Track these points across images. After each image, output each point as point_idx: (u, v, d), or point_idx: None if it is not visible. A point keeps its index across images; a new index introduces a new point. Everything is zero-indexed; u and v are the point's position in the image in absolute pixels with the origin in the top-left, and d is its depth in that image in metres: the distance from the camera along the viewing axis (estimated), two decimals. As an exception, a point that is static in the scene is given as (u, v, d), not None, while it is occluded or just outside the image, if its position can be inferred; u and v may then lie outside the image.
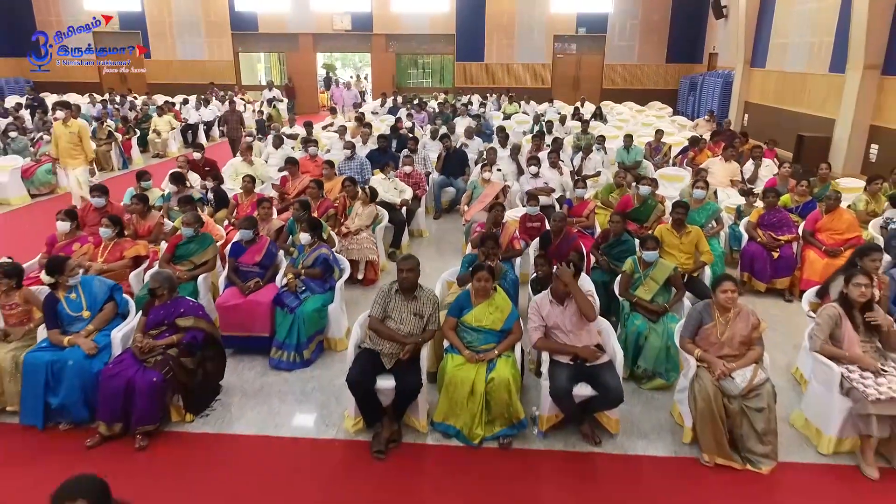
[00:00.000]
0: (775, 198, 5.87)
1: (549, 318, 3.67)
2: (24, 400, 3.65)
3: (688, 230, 5.12)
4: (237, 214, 6.18)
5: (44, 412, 3.64)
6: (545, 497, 3.28)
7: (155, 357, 3.63)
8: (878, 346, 3.55)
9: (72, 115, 7.80)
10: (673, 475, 3.44)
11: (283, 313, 4.47)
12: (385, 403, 3.63)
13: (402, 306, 3.74)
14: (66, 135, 7.65)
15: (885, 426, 3.37)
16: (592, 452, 3.59)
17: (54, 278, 3.73)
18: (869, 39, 10.50)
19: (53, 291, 3.76)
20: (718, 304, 3.54)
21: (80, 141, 7.70)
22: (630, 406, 3.99)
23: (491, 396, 3.54)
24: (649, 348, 4.15)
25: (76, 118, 8.15)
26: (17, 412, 3.73)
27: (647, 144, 9.98)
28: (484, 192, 6.83)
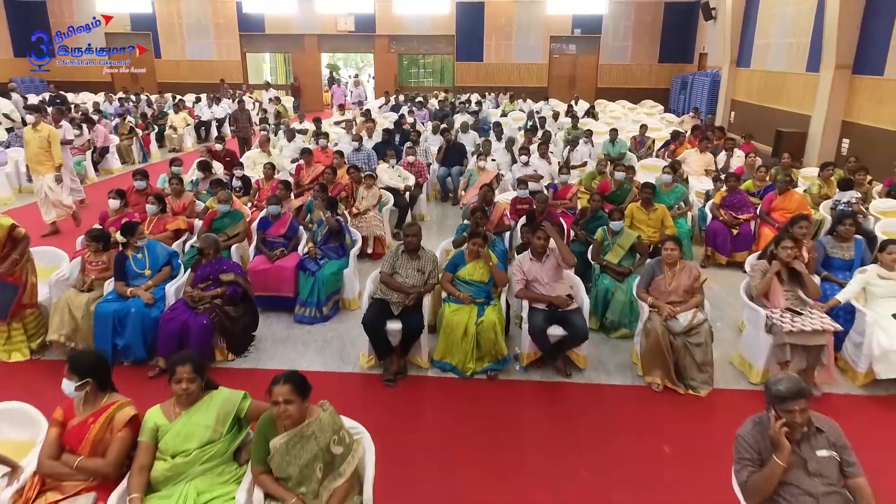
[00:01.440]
0: (736, 182, 6.65)
1: (530, 273, 4.45)
2: (96, 341, 4.41)
3: (654, 208, 5.90)
4: (259, 197, 6.96)
5: (112, 352, 4.42)
6: (524, 416, 4.05)
7: (204, 305, 4.41)
8: (798, 295, 4.32)
9: (42, 118, 7.46)
10: (629, 399, 4.22)
11: (306, 276, 5.25)
12: (393, 343, 4.40)
13: (407, 264, 4.52)
14: (35, 140, 7.30)
15: (801, 358, 4.14)
16: (564, 382, 4.38)
17: (126, 239, 4.51)
18: (840, 41, 11.24)
19: (124, 250, 4.54)
20: (665, 260, 4.32)
21: (50, 147, 7.32)
22: (598, 350, 4.78)
23: (480, 336, 4.32)
24: (616, 303, 4.93)
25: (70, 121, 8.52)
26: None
27: (633, 138, 10.76)
28: (479, 178, 7.61)
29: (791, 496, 2.35)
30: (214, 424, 2.60)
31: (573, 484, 3.36)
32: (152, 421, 2.59)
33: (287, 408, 2.40)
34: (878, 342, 4.13)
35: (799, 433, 2.39)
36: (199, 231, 5.63)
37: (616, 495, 3.28)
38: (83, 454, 2.53)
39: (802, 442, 2.40)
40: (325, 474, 2.44)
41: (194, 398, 2.62)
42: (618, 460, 3.57)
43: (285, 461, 2.42)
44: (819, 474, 2.35)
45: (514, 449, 3.65)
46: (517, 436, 3.78)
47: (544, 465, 3.51)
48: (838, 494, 2.34)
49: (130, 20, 22.34)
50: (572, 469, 3.49)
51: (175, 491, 2.46)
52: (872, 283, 4.35)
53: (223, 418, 2.62)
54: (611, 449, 3.67)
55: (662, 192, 6.58)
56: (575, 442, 3.74)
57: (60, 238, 7.30)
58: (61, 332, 4.43)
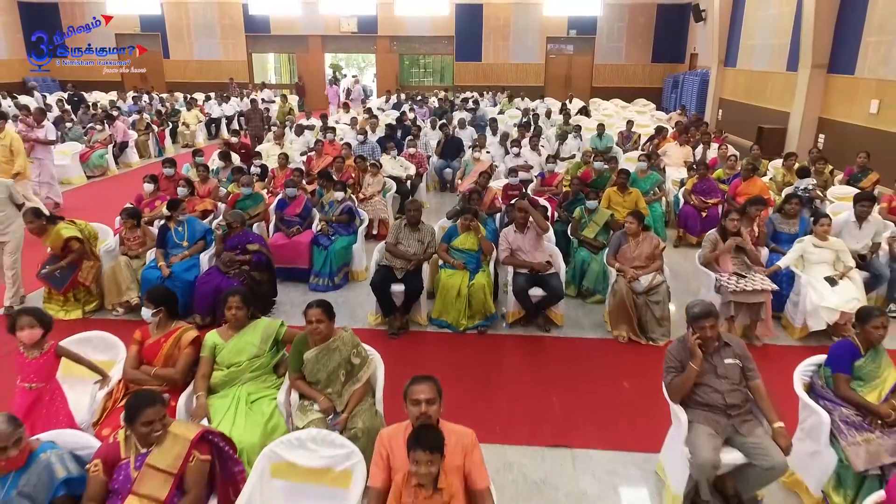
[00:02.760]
0: (705, 170, 7.37)
1: (514, 243, 5.17)
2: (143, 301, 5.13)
3: (629, 191, 6.61)
4: (274, 184, 7.67)
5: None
6: (508, 362, 4.77)
7: (234, 270, 5.13)
8: (744, 260, 5.03)
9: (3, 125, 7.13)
10: (598, 349, 4.94)
11: (319, 250, 5.97)
12: (397, 303, 5.12)
13: (409, 235, 5.24)
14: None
15: (744, 314, 4.87)
16: (544, 336, 5.10)
17: (171, 213, 5.24)
18: (815, 42, 11.96)
19: (167, 223, 5.27)
20: (627, 231, 5.05)
21: (12, 154, 6.93)
22: (575, 312, 5.50)
23: (472, 297, 5.04)
24: (591, 272, 5.65)
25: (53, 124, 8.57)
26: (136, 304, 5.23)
27: (620, 133, 11.48)
28: (475, 167, 8.32)
29: (704, 393, 3.07)
30: (259, 343, 3.33)
31: (547, 411, 4.08)
32: (211, 341, 3.32)
33: (318, 326, 3.12)
34: (811, 300, 4.84)
35: (711, 346, 3.11)
36: (223, 211, 6.35)
37: (580, 417, 3.99)
38: (157, 366, 3.25)
39: (714, 353, 3.11)
40: (346, 379, 3.16)
41: (242, 323, 3.35)
42: (585, 394, 4.28)
43: (316, 368, 3.14)
44: (726, 377, 3.07)
45: (498, 388, 4.36)
46: (502, 379, 4.50)
47: (523, 399, 4.22)
48: (739, 392, 3.06)
49: (140, 21, 22.98)
50: (547, 401, 4.20)
51: (230, 392, 3.18)
52: (808, 251, 5.06)
53: (265, 339, 3.35)
54: (580, 386, 4.39)
55: (639, 178, 7.30)
56: (550, 381, 4.45)
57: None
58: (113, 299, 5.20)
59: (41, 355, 3.13)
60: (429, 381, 2.45)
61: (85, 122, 12.79)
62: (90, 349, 3.49)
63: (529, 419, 3.98)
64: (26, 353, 3.13)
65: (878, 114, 10.44)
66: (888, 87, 10.20)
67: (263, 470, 2.59)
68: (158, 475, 2.27)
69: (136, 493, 2.25)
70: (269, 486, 2.60)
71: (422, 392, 2.38)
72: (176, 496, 2.29)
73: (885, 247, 5.56)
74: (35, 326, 3.12)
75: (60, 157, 10.49)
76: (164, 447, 2.32)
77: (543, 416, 4.03)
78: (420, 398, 2.37)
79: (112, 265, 5.30)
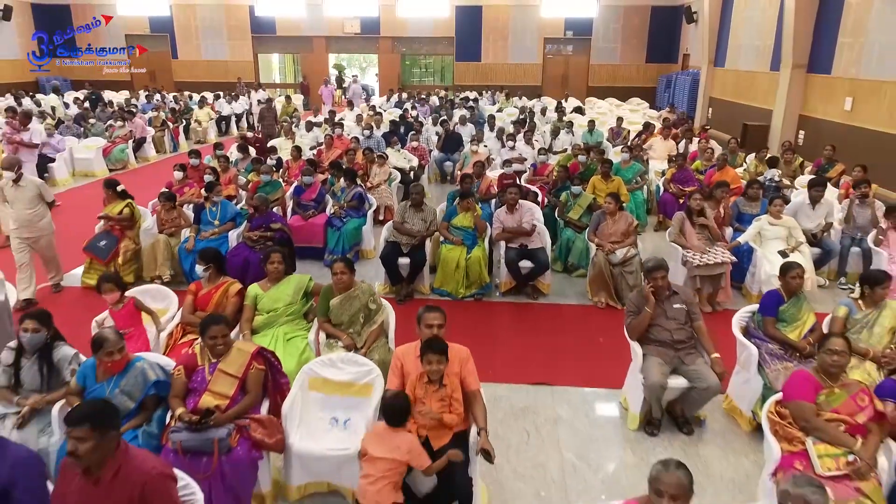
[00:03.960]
0: (683, 161, 8.08)
1: (505, 222, 5.88)
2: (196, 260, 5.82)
3: (612, 179, 7.31)
4: (289, 174, 8.38)
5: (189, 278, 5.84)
6: (500, 324, 5.47)
7: (260, 245, 5.84)
8: (708, 236, 5.73)
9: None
10: (579, 313, 5.65)
11: (333, 231, 6.68)
12: (403, 274, 5.82)
13: (413, 215, 5.95)
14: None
15: (708, 284, 5.58)
16: (532, 303, 5.81)
17: (207, 195, 5.96)
18: (796, 43, 12.65)
19: (204, 203, 5.99)
20: (605, 210, 5.76)
21: None
22: (561, 284, 6.21)
23: (469, 269, 5.75)
24: (575, 249, 6.35)
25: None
26: (167, 281, 5.92)
27: (610, 129, 12.18)
28: (472, 160, 9.02)
29: (656, 332, 3.77)
30: (292, 294, 4.04)
31: (532, 359, 4.79)
32: (253, 292, 4.03)
33: (342, 277, 3.83)
34: (765, 270, 5.54)
35: (662, 294, 3.81)
36: (246, 197, 7.06)
37: (560, 363, 4.70)
38: (209, 312, 3.95)
39: (665, 300, 3.82)
40: (364, 322, 3.87)
41: (279, 276, 4.07)
42: (566, 346, 4.99)
43: (339, 312, 3.85)
44: (674, 318, 3.77)
45: (492, 343, 5.06)
46: (495, 336, 5.20)
47: (513, 350, 4.94)
48: (685, 330, 3.76)
49: (149, 23, 23.62)
50: (532, 351, 4.91)
51: (269, 333, 3.90)
52: (764, 228, 5.77)
53: (297, 291, 4.07)
54: (562, 340, 5.10)
55: (622, 168, 8.01)
56: (536, 337, 5.16)
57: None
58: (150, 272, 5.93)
59: (123, 307, 3.92)
60: (438, 310, 3.16)
61: (104, 120, 13.50)
62: (149, 298, 4.21)
63: (517, 364, 4.69)
64: (112, 307, 3.91)
65: (852, 110, 11.13)
66: (860, 85, 10.90)
67: (303, 383, 3.29)
68: (227, 378, 2.97)
69: (211, 390, 2.95)
70: (307, 396, 3.30)
71: (434, 319, 3.10)
72: (240, 395, 2.99)
73: (837, 227, 6.27)
74: (114, 290, 3.90)
75: (85, 151, 11.25)
76: (231, 358, 3.02)
77: (529, 362, 4.73)
78: (433, 324, 3.08)
79: (151, 242, 6.01)
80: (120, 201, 5.93)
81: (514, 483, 3.39)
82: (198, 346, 3.09)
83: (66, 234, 6.40)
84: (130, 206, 5.95)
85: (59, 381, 3.13)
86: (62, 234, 6.25)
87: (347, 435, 3.17)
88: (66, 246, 6.23)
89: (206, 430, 2.77)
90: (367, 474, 2.61)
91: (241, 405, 2.94)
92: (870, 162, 8.04)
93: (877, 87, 10.39)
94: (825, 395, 2.86)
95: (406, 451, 2.61)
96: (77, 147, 11.15)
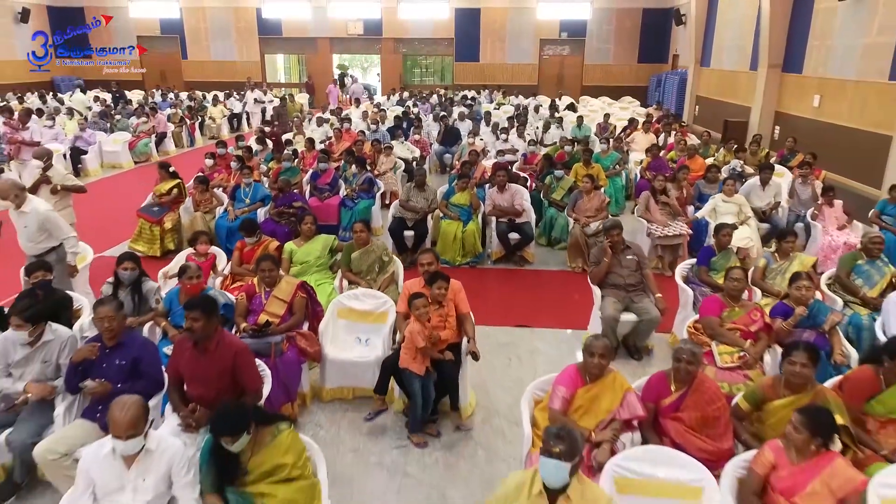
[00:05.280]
0: (657, 151, 9.03)
1: (496, 201, 6.83)
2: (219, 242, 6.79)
3: (592, 166, 8.26)
4: (304, 164, 9.33)
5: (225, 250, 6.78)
6: (491, 286, 6.42)
7: (285, 219, 6.79)
8: (670, 212, 6.68)
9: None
10: (559, 277, 6.60)
11: (346, 210, 7.62)
12: (408, 245, 6.77)
13: (417, 194, 6.90)
14: None
15: (669, 253, 6.52)
16: (519, 269, 6.77)
17: (248, 172, 6.95)
18: (771, 44, 13.60)
19: (238, 183, 6.95)
20: (581, 188, 6.72)
21: None
22: (544, 255, 7.16)
23: (464, 240, 6.70)
24: (557, 226, 7.30)
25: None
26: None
27: (598, 125, 13.13)
28: (469, 150, 9.97)
29: (613, 277, 4.73)
30: (321, 249, 5.01)
31: (516, 309, 5.73)
32: (289, 248, 4.99)
33: (361, 234, 4.79)
34: (718, 240, 6.48)
35: (618, 248, 4.76)
36: (269, 182, 8.01)
37: (540, 312, 5.65)
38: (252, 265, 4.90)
39: (621, 252, 4.77)
40: (379, 271, 4.83)
41: (311, 235, 5.03)
42: (545, 301, 5.94)
43: (359, 263, 4.80)
44: (627, 267, 4.72)
45: (483, 298, 6.00)
46: (486, 295, 6.15)
47: (500, 303, 5.88)
48: (635, 276, 4.71)
49: (160, 25, 24.52)
50: (516, 306, 5.86)
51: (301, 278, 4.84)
52: (719, 205, 6.71)
53: (325, 247, 5.04)
54: (542, 296, 6.05)
55: (602, 157, 8.97)
56: (521, 293, 6.11)
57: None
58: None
59: (206, 260, 4.92)
60: (431, 251, 4.13)
61: (126, 116, 14.46)
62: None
63: (503, 312, 5.64)
64: (197, 258, 4.87)
65: (820, 107, 12.08)
66: (826, 83, 11.85)
67: (333, 312, 4.25)
68: (278, 302, 3.91)
69: (266, 311, 3.90)
70: (336, 322, 4.26)
71: (425, 259, 4.13)
72: (288, 315, 3.94)
73: (784, 205, 7.23)
74: (207, 243, 4.99)
75: (113, 144, 12.19)
76: (281, 287, 3.97)
77: (513, 311, 5.69)
78: (424, 262, 4.11)
79: (190, 218, 6.96)
80: (171, 180, 6.88)
81: (496, 391, 4.34)
82: (256, 280, 4.04)
83: (97, 218, 7.35)
84: (179, 186, 6.91)
85: (146, 307, 4.08)
86: (94, 218, 7.21)
87: (368, 350, 4.13)
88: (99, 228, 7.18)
89: (265, 336, 3.72)
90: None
91: (290, 322, 3.89)
92: (834, 153, 9.00)
93: (840, 86, 11.34)
94: (728, 311, 3.82)
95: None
96: (105, 141, 12.10)
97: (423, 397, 3.60)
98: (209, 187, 7.34)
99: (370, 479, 3.45)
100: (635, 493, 2.61)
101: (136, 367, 3.12)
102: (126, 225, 7.44)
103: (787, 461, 2.43)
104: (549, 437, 2.20)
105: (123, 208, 7.12)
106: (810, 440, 2.37)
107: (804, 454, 2.41)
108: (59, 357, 3.23)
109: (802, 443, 2.38)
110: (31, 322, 3.16)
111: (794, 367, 2.80)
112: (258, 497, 2.36)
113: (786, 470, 2.42)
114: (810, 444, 2.38)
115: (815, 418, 2.38)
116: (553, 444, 2.17)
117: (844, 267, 4.59)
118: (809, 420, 2.37)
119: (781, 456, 2.45)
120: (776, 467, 2.44)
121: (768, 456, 2.47)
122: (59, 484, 3.00)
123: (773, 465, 2.45)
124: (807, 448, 2.39)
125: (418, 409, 3.61)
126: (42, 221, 4.78)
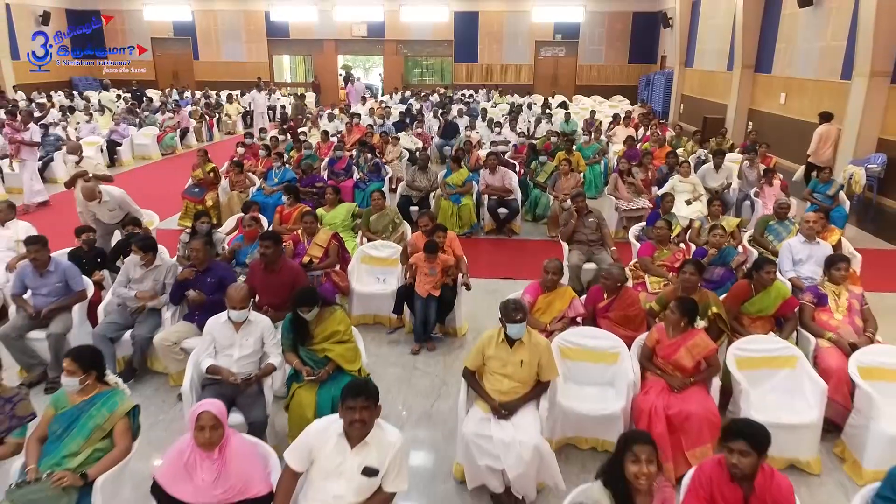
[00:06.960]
0: (632, 142, 10.26)
1: (488, 180, 8.06)
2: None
3: (574, 154, 9.48)
4: (320, 153, 10.55)
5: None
6: (483, 250, 7.64)
7: (308, 197, 8.00)
8: (635, 191, 7.91)
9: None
10: (541, 245, 7.81)
11: (359, 191, 8.84)
12: (413, 218, 7.98)
13: (421, 176, 8.14)
14: None
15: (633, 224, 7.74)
16: (507, 239, 8.01)
17: (278, 156, 8.18)
18: (745, 46, 14.80)
19: (269, 167, 8.19)
20: (559, 169, 7.95)
21: None
22: (530, 230, 8.40)
23: (461, 213, 7.92)
24: (541, 204, 8.53)
25: None
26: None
27: (585, 120, 14.36)
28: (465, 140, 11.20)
29: (578, 235, 5.95)
30: (345, 214, 6.24)
31: (503, 266, 6.95)
32: (319, 213, 6.21)
33: (378, 201, 6.02)
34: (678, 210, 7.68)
35: (582, 211, 5.98)
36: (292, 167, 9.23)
37: (523, 269, 6.85)
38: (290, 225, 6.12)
39: (584, 216, 5.98)
40: (392, 230, 6.05)
41: (335, 203, 6.27)
42: (528, 262, 7.15)
43: (376, 224, 6.05)
44: (589, 227, 5.94)
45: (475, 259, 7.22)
46: (478, 259, 7.36)
47: (490, 263, 7.10)
48: (596, 234, 5.93)
49: (172, 27, 25.67)
50: (503, 265, 7.08)
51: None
52: (676, 184, 7.93)
53: (348, 212, 6.27)
54: (525, 257, 7.27)
55: (584, 147, 10.20)
56: (508, 257, 7.33)
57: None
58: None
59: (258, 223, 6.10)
60: (427, 213, 5.38)
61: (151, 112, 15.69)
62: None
63: (491, 268, 6.88)
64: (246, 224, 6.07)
65: (785, 104, 13.30)
66: (791, 82, 13.07)
67: (357, 258, 5.49)
68: (317, 247, 5.14)
69: (308, 253, 5.12)
70: (360, 266, 5.50)
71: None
72: (325, 257, 5.17)
73: (734, 186, 8.46)
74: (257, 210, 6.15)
75: (143, 138, 13.43)
76: (320, 235, 5.20)
77: (500, 267, 6.91)
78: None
79: (228, 196, 8.19)
80: (208, 164, 8.10)
81: (483, 321, 5.56)
82: (301, 231, 5.28)
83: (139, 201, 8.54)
84: (214, 170, 8.14)
85: (214, 252, 5.29)
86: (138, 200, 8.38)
87: (385, 286, 5.36)
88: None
89: (309, 270, 4.95)
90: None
91: (326, 262, 5.12)
92: (796, 145, 10.11)
93: (802, 85, 12.57)
94: (658, 253, 5.05)
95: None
96: (136, 135, 13.33)
97: (425, 314, 4.83)
98: (243, 170, 8.57)
99: (389, 372, 4.67)
100: (574, 358, 3.85)
101: (221, 283, 4.34)
102: (168, 205, 8.65)
103: (666, 336, 3.65)
104: (510, 310, 3.41)
105: (161, 193, 8.32)
106: (680, 319, 3.57)
107: (677, 330, 3.62)
108: (165, 277, 4.46)
109: (675, 322, 3.59)
110: (144, 251, 4.39)
111: (685, 276, 4.02)
112: (321, 352, 3.56)
113: (665, 342, 3.63)
114: (680, 323, 3.59)
115: (685, 305, 3.59)
116: (514, 314, 3.39)
117: (759, 228, 5.83)
118: (680, 306, 3.58)
119: (663, 333, 3.67)
120: (659, 341, 3.66)
121: (653, 334, 3.69)
122: (169, 364, 4.23)
123: (657, 340, 3.67)
124: (678, 326, 3.60)
125: (419, 323, 4.85)
126: (121, 202, 6.05)
